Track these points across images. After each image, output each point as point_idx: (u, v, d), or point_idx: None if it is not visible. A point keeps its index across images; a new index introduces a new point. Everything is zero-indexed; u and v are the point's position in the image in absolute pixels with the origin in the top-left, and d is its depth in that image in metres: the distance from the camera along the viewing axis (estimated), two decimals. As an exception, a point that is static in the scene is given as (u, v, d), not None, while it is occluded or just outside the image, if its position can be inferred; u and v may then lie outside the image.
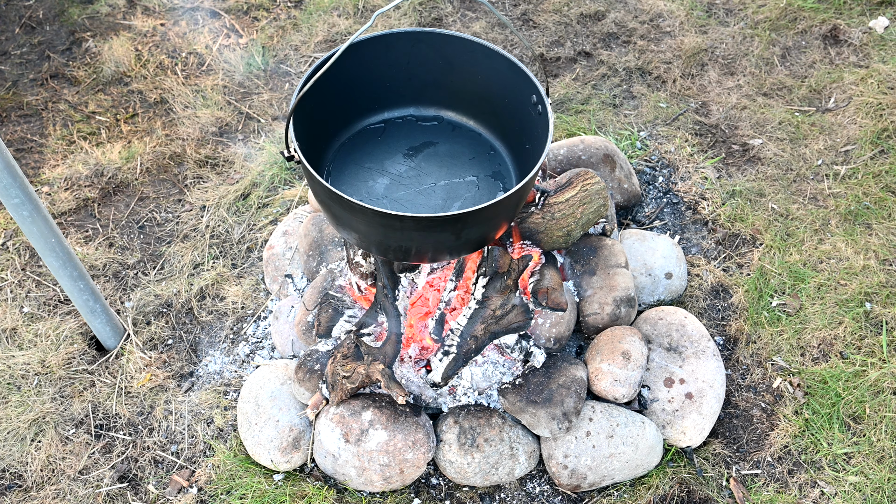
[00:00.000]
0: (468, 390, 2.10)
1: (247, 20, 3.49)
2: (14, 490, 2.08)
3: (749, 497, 2.04)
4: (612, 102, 3.08)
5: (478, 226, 1.67)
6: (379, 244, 1.75)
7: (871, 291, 2.40)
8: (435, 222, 1.59)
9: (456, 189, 1.96)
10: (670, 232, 2.64)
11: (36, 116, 3.09)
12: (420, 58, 1.96)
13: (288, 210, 2.71)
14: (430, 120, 2.11)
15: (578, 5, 3.50)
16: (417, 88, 2.05)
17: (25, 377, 2.30)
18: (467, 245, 1.77)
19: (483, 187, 1.97)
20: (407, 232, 1.63)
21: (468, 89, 2.01)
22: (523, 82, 1.82)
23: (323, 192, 1.63)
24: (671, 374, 2.16)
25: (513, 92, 1.88)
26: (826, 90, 3.05)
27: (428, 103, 2.10)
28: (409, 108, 2.11)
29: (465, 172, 2.01)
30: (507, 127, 2.01)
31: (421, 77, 2.02)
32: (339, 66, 1.86)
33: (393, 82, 2.02)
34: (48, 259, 2.02)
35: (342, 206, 1.60)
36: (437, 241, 1.70)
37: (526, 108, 1.84)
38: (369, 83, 1.99)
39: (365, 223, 1.65)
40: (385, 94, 2.05)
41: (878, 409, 2.15)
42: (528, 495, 2.06)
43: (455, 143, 2.07)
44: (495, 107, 2.00)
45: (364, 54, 1.90)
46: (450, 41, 1.90)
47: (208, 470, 2.11)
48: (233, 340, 2.39)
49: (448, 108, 2.11)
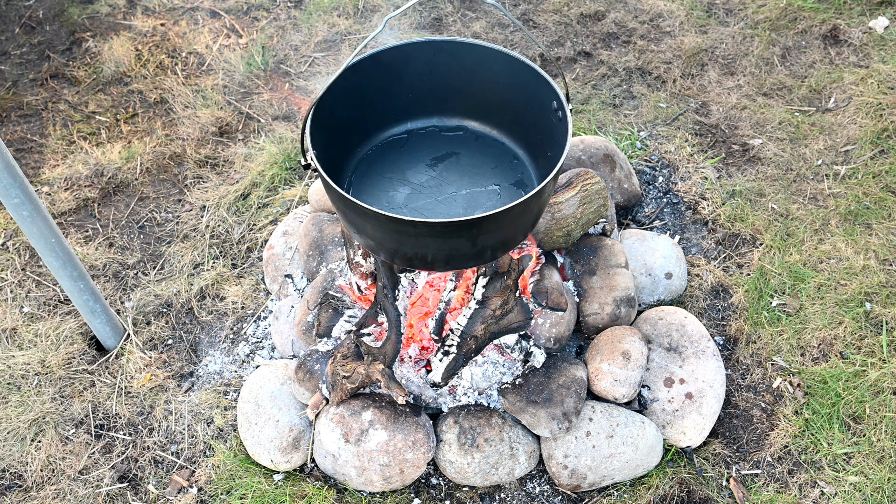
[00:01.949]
0: (468, 390, 2.10)
1: (247, 20, 3.49)
2: (14, 490, 2.08)
3: (749, 497, 2.04)
4: (612, 102, 3.08)
5: (494, 232, 1.64)
6: (395, 252, 1.74)
7: (871, 291, 2.40)
8: (449, 228, 1.56)
9: (477, 198, 1.94)
10: (670, 232, 2.64)
11: (36, 116, 3.09)
12: (441, 67, 1.94)
13: (288, 210, 2.71)
14: (454, 130, 2.10)
15: (578, 5, 3.50)
16: (440, 98, 2.03)
17: (25, 377, 2.30)
18: (485, 253, 1.73)
19: (505, 196, 1.95)
20: (422, 238, 1.62)
21: (490, 97, 1.99)
22: (543, 88, 1.79)
23: (338, 199, 1.63)
24: (671, 374, 2.16)
25: (533, 98, 1.85)
26: (826, 90, 3.05)
27: (451, 113, 2.09)
28: (433, 119, 2.10)
29: (488, 182, 1.98)
30: (530, 135, 1.99)
31: (443, 86, 2.00)
32: (360, 76, 1.86)
33: (414, 93, 2.01)
34: (48, 259, 2.02)
35: (357, 212, 1.60)
36: (452, 248, 1.67)
37: (547, 114, 1.82)
38: (389, 94, 1.98)
39: (380, 230, 1.64)
40: (408, 105, 2.04)
41: (878, 409, 2.15)
42: (528, 495, 2.06)
43: (478, 152, 2.05)
44: (517, 114, 1.98)
45: (384, 65, 1.89)
46: (469, 49, 1.89)
47: (208, 470, 2.11)
48: (233, 340, 2.39)
49: (471, 118, 2.09)
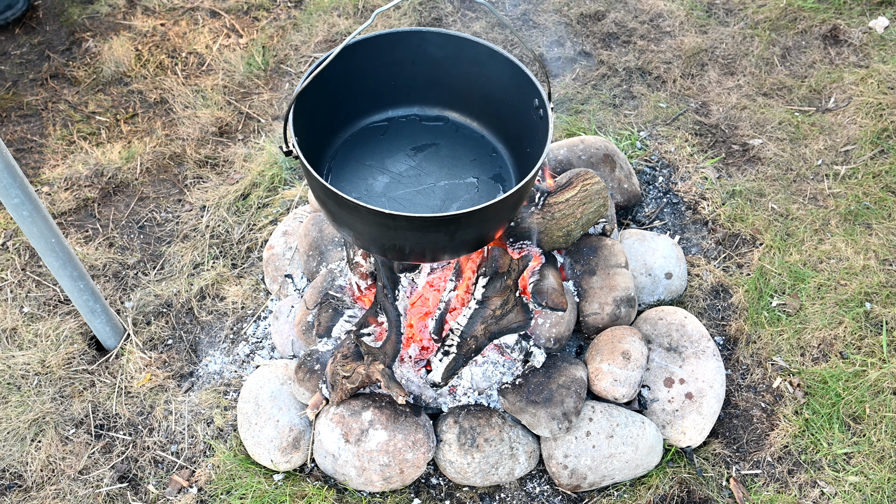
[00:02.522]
0: (468, 390, 2.10)
1: (247, 20, 3.49)
2: (14, 490, 2.08)
3: (749, 497, 2.04)
4: (612, 102, 3.08)
5: (472, 228, 1.66)
6: (374, 242, 1.75)
7: (871, 291, 2.40)
8: (428, 223, 1.59)
9: (455, 190, 1.95)
10: (670, 232, 2.64)
11: (36, 116, 3.09)
12: (425, 57, 1.95)
13: (288, 210, 2.71)
14: (434, 120, 2.10)
15: (578, 5, 3.50)
16: (422, 88, 2.04)
17: (25, 377, 2.30)
18: (462, 246, 1.76)
19: (483, 189, 1.97)
20: (401, 231, 1.63)
21: (472, 90, 2.00)
22: (526, 85, 1.81)
23: (319, 189, 1.63)
24: (671, 374, 2.16)
25: (515, 94, 1.87)
26: (826, 90, 3.05)
27: (432, 103, 2.09)
28: (414, 108, 2.10)
29: (466, 174, 2.00)
30: (510, 129, 2.00)
31: (425, 76, 2.00)
32: (344, 63, 1.85)
33: (397, 81, 2.01)
34: (48, 259, 2.02)
35: (337, 203, 1.60)
36: (430, 242, 1.69)
37: (528, 111, 1.83)
38: (373, 81, 1.98)
39: (360, 221, 1.65)
40: (389, 93, 2.04)
41: (878, 409, 2.15)
42: (528, 495, 2.06)
43: (458, 144, 2.06)
44: (498, 109, 1.99)
45: (369, 52, 1.90)
46: (454, 41, 1.89)
47: (208, 470, 2.11)
48: (233, 340, 2.39)
49: (452, 109, 2.09)
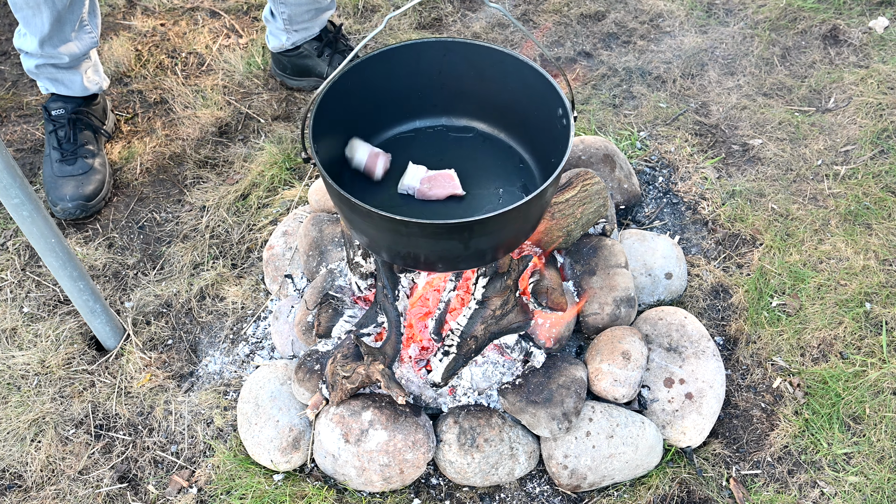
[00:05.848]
0: (468, 390, 2.10)
1: (247, 20, 3.49)
2: (14, 490, 2.08)
3: (749, 497, 2.04)
4: (612, 102, 3.08)
5: (486, 236, 1.65)
6: (388, 250, 1.74)
7: (871, 291, 2.40)
8: (441, 229, 1.57)
9: (480, 200, 1.94)
10: (670, 232, 2.64)
11: (36, 116, 3.09)
12: (451, 67, 1.94)
13: (288, 210, 2.71)
14: (462, 131, 2.09)
15: (578, 5, 3.50)
16: (449, 98, 2.03)
17: (25, 377, 2.30)
18: (477, 256, 1.73)
19: (507, 200, 1.95)
20: (413, 238, 1.62)
21: (498, 100, 1.99)
22: (550, 94, 1.79)
23: (334, 195, 1.65)
24: (671, 375, 2.16)
25: (541, 104, 1.85)
26: (826, 90, 3.05)
27: (460, 114, 2.09)
28: (441, 118, 2.10)
29: (491, 184, 1.99)
30: (536, 140, 1.99)
31: (452, 87, 2.00)
32: (367, 72, 1.86)
33: (424, 91, 2.00)
34: (48, 259, 2.02)
35: (351, 209, 1.61)
36: (444, 250, 1.68)
37: (553, 120, 1.81)
38: (399, 91, 1.98)
39: (374, 227, 1.65)
40: (417, 103, 2.04)
41: (878, 410, 2.15)
42: (528, 495, 2.06)
43: (485, 154, 2.05)
44: (524, 119, 1.97)
45: (393, 62, 1.89)
46: (479, 51, 1.89)
47: (208, 470, 2.11)
48: (233, 341, 2.39)
49: (480, 120, 2.09)
